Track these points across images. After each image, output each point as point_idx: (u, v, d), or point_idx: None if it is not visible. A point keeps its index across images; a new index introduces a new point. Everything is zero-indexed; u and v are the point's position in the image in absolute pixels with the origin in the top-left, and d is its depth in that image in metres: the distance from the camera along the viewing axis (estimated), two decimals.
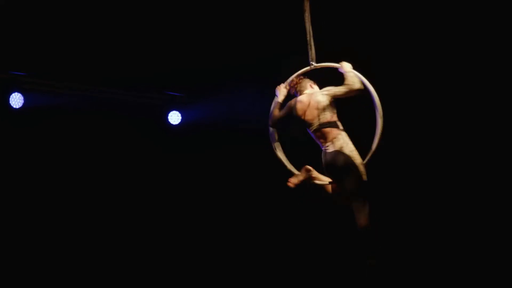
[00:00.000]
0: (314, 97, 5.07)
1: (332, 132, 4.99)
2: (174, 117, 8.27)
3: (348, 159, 4.90)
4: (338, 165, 4.92)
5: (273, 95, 5.34)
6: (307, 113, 5.06)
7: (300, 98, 5.14)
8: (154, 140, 8.15)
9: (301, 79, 5.23)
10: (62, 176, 7.64)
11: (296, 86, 5.23)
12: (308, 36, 5.15)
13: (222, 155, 8.15)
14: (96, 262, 7.62)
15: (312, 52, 5.16)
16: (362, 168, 4.93)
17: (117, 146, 7.89)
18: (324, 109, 5.02)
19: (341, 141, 4.96)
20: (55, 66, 7.41)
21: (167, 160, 8.15)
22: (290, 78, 5.28)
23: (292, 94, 5.25)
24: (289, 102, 5.20)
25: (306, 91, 5.17)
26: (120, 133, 7.90)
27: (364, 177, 4.93)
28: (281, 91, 5.27)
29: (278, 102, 5.25)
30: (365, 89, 5.06)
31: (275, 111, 5.22)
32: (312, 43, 5.16)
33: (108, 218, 7.77)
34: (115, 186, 7.84)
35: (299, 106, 5.10)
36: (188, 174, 8.17)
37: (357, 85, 5.01)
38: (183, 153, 8.19)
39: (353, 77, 5.03)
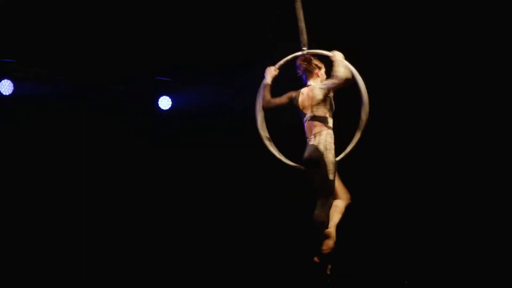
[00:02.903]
0: (313, 91, 5.12)
1: (318, 126, 5.07)
2: (165, 102, 8.29)
3: (319, 155, 4.98)
4: (311, 159, 5.02)
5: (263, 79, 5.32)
6: (305, 104, 5.13)
7: (302, 90, 5.19)
8: (145, 125, 8.17)
9: (311, 60, 5.19)
10: (52, 162, 7.67)
11: (305, 68, 5.21)
12: (299, 22, 5.15)
13: (212, 140, 8.18)
14: (83, 257, 7.70)
15: (304, 38, 5.17)
16: (331, 167, 4.96)
17: (108, 132, 7.91)
18: (318, 103, 5.08)
19: (322, 137, 5.03)
20: (44, 53, 7.41)
21: (158, 145, 8.18)
22: (282, 61, 5.28)
23: (299, 76, 5.25)
24: (290, 93, 5.22)
25: (310, 81, 5.20)
26: (110, 119, 7.93)
27: (331, 176, 4.95)
28: (271, 73, 5.27)
29: (267, 84, 5.24)
30: (354, 81, 5.02)
31: (266, 94, 5.23)
32: (304, 29, 5.15)
33: (99, 203, 7.82)
34: (105, 172, 7.88)
35: (300, 98, 5.16)
36: (179, 159, 8.20)
37: (344, 75, 4.96)
38: (174, 138, 8.22)
39: (341, 67, 4.99)
